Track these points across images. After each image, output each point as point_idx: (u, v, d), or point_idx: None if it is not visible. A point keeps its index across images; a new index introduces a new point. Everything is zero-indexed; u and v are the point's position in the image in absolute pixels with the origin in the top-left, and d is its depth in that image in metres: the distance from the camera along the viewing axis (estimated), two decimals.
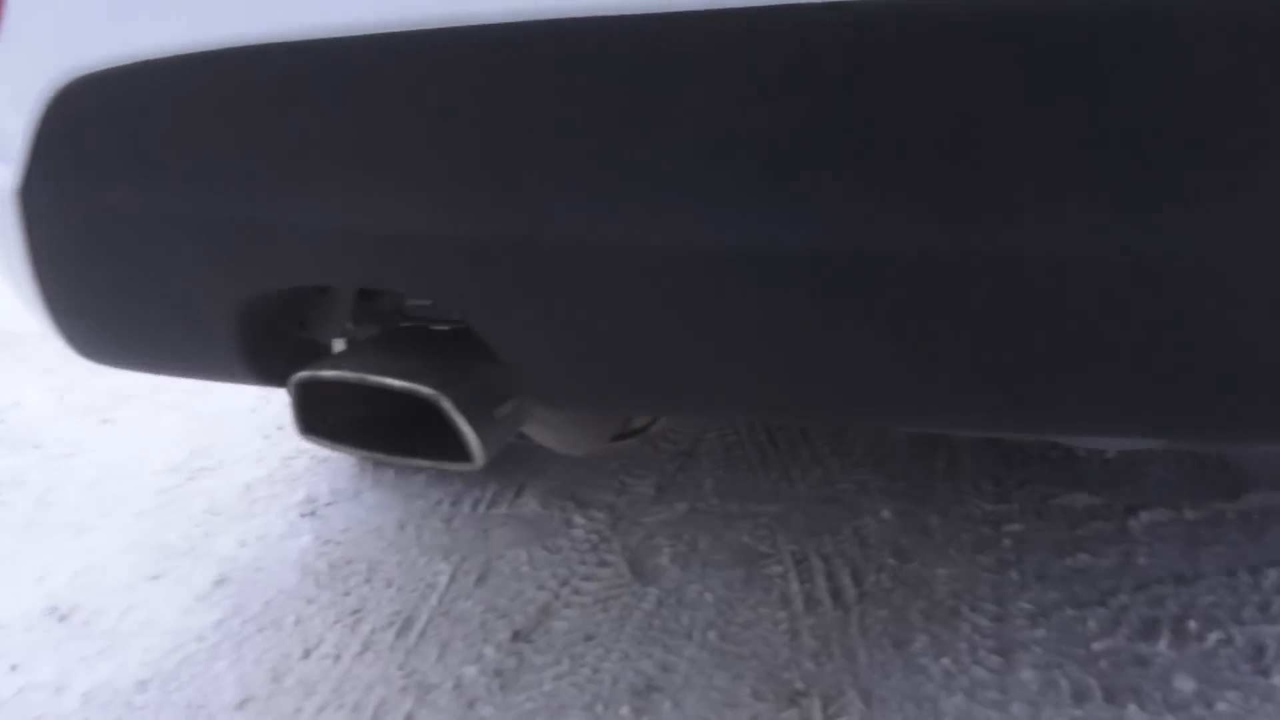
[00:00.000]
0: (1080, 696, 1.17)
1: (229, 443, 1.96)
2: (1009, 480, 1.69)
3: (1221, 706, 1.14)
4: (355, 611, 1.42)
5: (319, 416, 0.78)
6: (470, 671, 1.28)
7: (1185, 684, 1.18)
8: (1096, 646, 1.25)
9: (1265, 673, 1.19)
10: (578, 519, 1.63)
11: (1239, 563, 1.43)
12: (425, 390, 0.69)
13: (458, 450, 0.72)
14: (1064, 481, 1.67)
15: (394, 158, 0.61)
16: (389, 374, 0.71)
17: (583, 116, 0.56)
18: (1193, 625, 1.28)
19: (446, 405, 0.69)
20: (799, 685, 1.22)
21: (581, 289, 0.59)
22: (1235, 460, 1.71)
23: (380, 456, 0.78)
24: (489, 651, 1.31)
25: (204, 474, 1.85)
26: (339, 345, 0.92)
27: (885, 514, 1.61)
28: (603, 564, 1.50)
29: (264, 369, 0.80)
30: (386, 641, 1.35)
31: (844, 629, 1.32)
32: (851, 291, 0.53)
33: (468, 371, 0.76)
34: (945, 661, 1.24)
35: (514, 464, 1.80)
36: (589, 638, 1.33)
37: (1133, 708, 1.14)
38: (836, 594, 1.40)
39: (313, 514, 1.70)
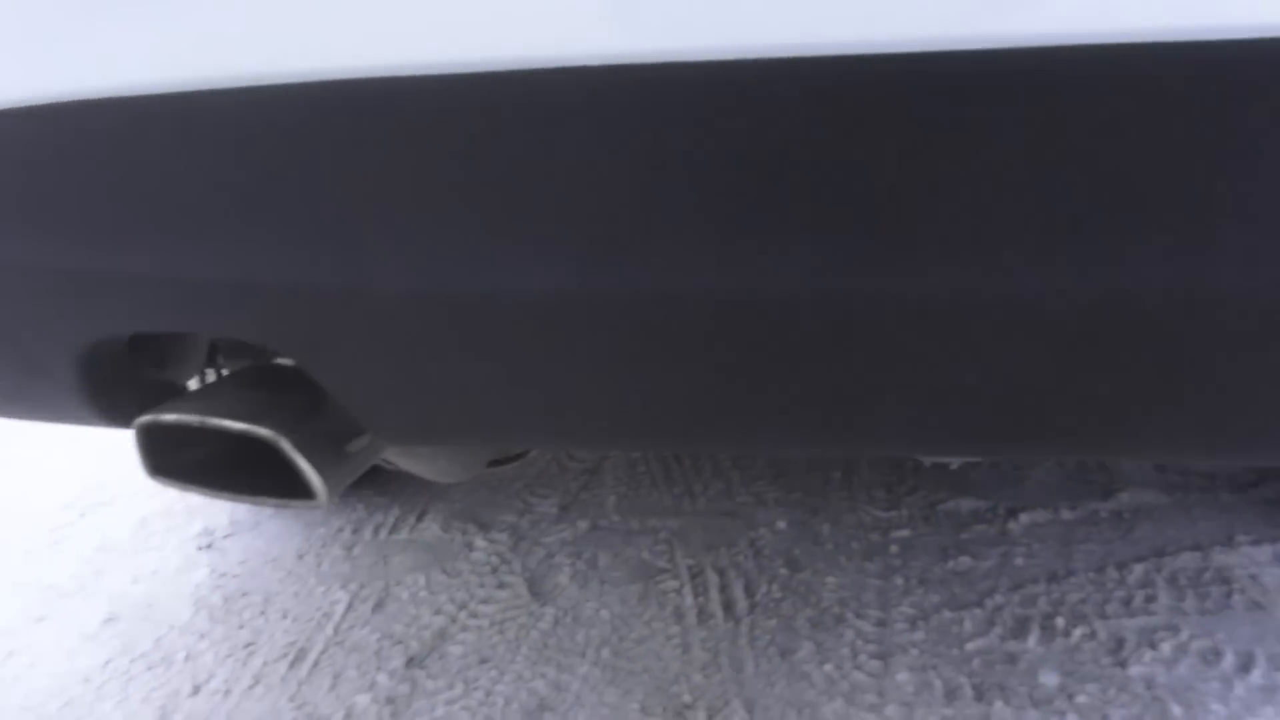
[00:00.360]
0: (952, 695, 1.22)
1: (124, 476, 1.92)
2: (900, 488, 1.75)
3: (1081, 699, 1.20)
4: (248, 645, 1.41)
5: (169, 457, 0.79)
6: (362, 700, 1.28)
7: (1050, 678, 1.24)
8: (970, 646, 1.31)
9: (1124, 664, 1.25)
10: (479, 541, 1.64)
11: (1109, 559, 1.50)
12: (263, 432, 0.70)
13: (304, 488, 0.73)
14: (952, 487, 1.74)
15: (216, 207, 0.63)
16: (230, 415, 0.72)
17: (390, 169, 0.58)
18: (1060, 622, 1.35)
19: (285, 446, 0.70)
20: (686, 698, 1.25)
21: (398, 333, 0.61)
22: (1111, 462, 1.80)
23: (227, 497, 0.78)
24: (382, 679, 1.32)
25: (97, 509, 1.82)
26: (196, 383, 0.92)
27: (781, 525, 1.65)
28: (502, 586, 1.51)
29: (112, 412, 0.80)
30: (279, 674, 1.34)
31: (734, 640, 1.35)
32: (645, 331, 0.56)
33: (318, 409, 0.77)
34: (828, 668, 1.28)
35: (417, 488, 1.81)
36: (484, 660, 1.35)
37: (999, 704, 1.20)
38: (729, 606, 1.43)
39: (209, 547, 1.68)
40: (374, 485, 1.79)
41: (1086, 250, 0.53)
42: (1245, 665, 1.24)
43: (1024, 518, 1.62)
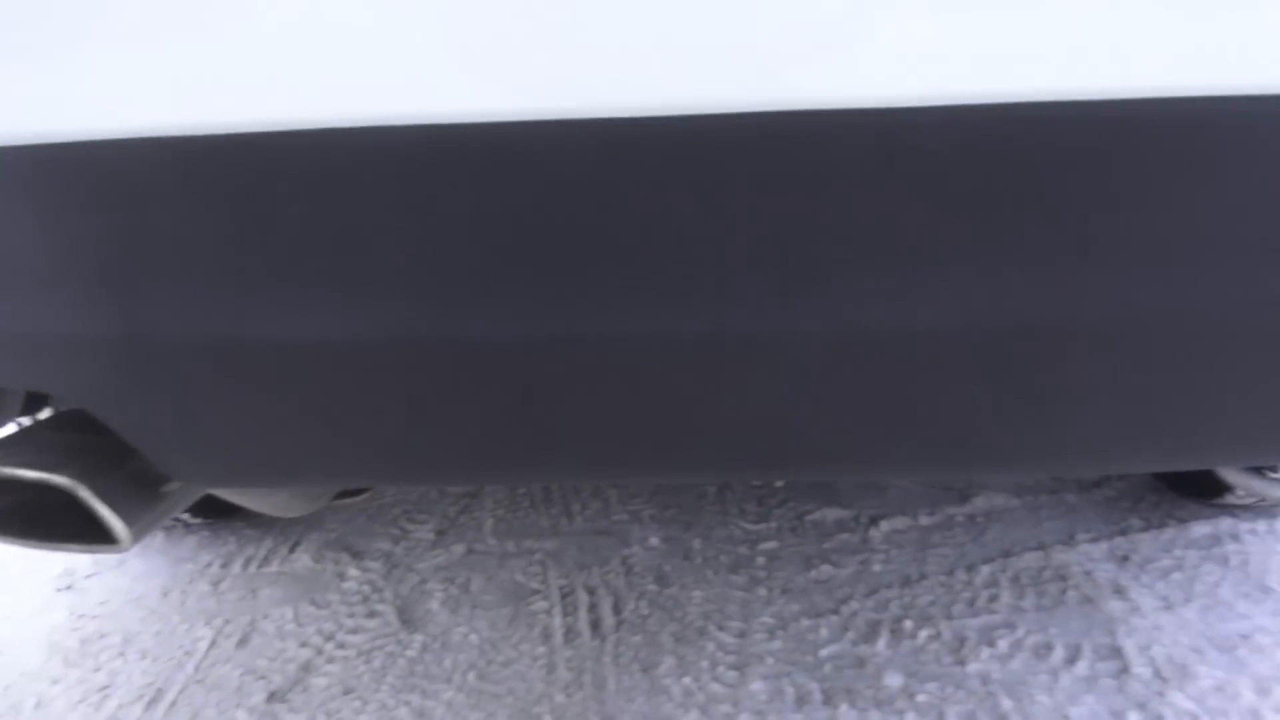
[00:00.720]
0: (802, 701, 1.27)
1: None
2: (771, 500, 1.81)
3: (921, 698, 1.26)
4: (103, 688, 1.37)
5: None
6: None
7: (894, 680, 1.30)
8: (824, 653, 1.36)
9: (963, 662, 1.32)
10: (351, 570, 1.63)
11: (959, 562, 1.58)
12: (59, 479, 0.70)
13: (106, 533, 0.73)
14: (819, 498, 1.80)
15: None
16: (28, 464, 0.71)
17: (165, 220, 0.59)
18: (909, 624, 1.41)
19: (83, 493, 0.70)
20: (547, 718, 1.27)
21: (178, 381, 0.62)
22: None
23: (33, 544, 0.78)
24: (241, 716, 1.30)
25: None
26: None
27: (654, 541, 1.69)
28: (372, 615, 1.51)
29: None
30: (134, 716, 1.31)
31: (598, 658, 1.38)
32: (410, 374, 0.59)
33: (127, 452, 0.77)
34: (686, 681, 1.32)
35: (292, 519, 1.79)
36: (348, 691, 1.34)
37: (845, 707, 1.25)
38: (596, 625, 1.46)
39: (69, 588, 1.63)
40: (245, 517, 1.77)
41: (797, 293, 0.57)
42: (1072, 657, 1.32)
43: (885, 525, 1.69)
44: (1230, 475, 1.63)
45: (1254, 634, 1.36)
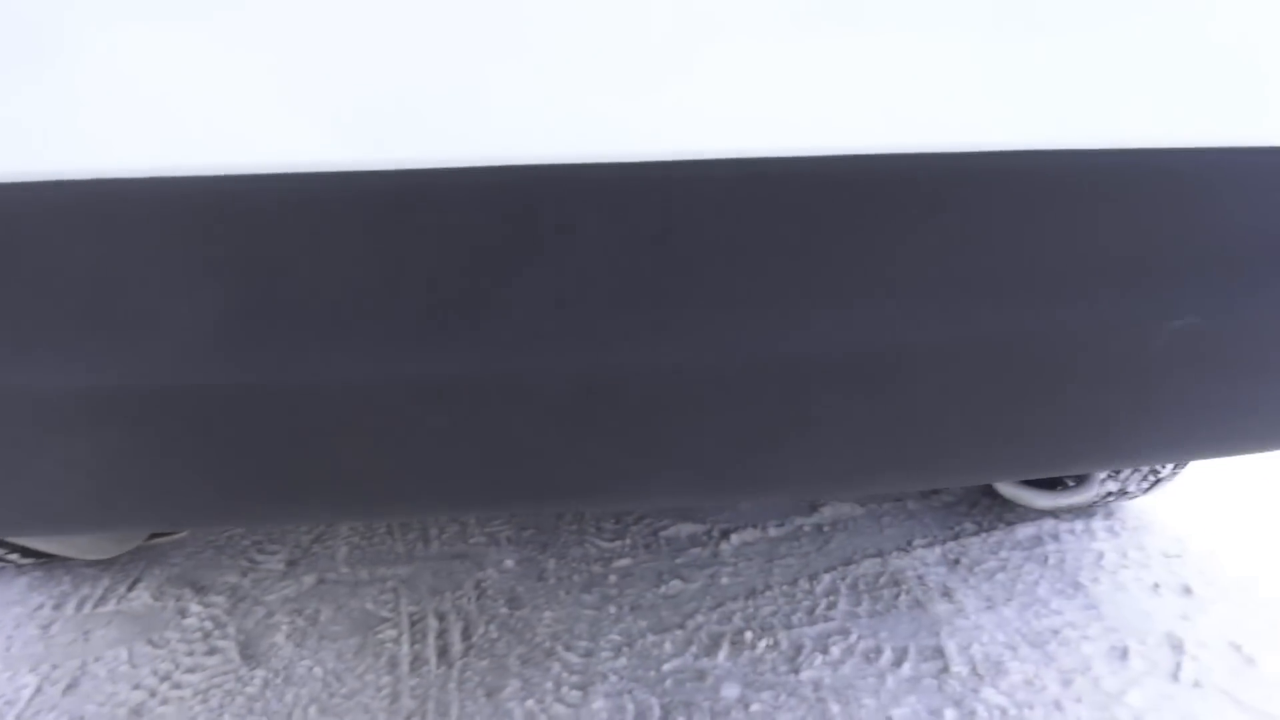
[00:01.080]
0: (641, 716, 1.30)
1: None
2: (628, 517, 1.84)
3: (755, 707, 1.31)
4: None
5: None
6: None
7: (731, 691, 1.34)
8: (667, 667, 1.40)
9: (798, 670, 1.38)
10: (193, 607, 1.58)
11: (803, 571, 1.64)
12: None
13: None
14: (676, 513, 1.84)
15: None
16: None
17: None
18: (749, 635, 1.46)
19: None
20: None
21: None
22: None
23: None
24: None
25: None
26: None
27: (509, 563, 1.69)
28: (212, 651, 1.47)
29: None
30: None
31: (443, 685, 1.38)
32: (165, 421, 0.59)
33: None
34: (530, 703, 1.33)
35: (133, 554, 1.72)
36: None
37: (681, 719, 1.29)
38: (444, 651, 1.45)
39: None
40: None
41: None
42: (899, 660, 1.39)
43: (735, 538, 1.75)
44: (1003, 489, 1.78)
45: (1063, 629, 1.46)
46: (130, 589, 1.63)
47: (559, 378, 0.60)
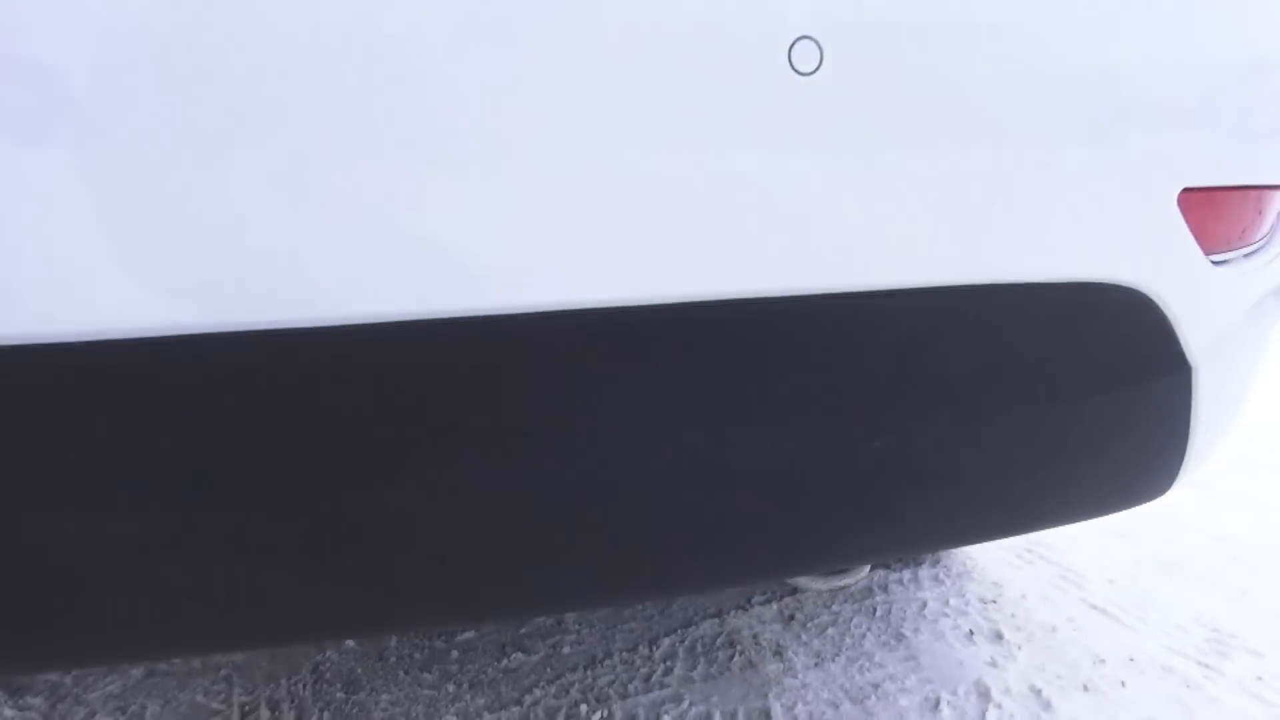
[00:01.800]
0: None
1: None
2: None
3: None
4: None
5: None
6: None
7: None
8: None
9: None
10: (6, 711, 1.51)
11: (644, 636, 1.68)
12: None
13: None
14: None
15: None
16: None
17: None
18: (584, 709, 1.48)
19: None
20: None
21: None
22: None
23: None
24: None
25: None
26: None
27: (349, 644, 1.67)
28: None
29: None
30: None
31: None
32: None
33: None
34: None
35: None
36: None
37: None
38: None
39: None
40: None
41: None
42: None
43: None
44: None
45: (884, 682, 1.54)
46: None
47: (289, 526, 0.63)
